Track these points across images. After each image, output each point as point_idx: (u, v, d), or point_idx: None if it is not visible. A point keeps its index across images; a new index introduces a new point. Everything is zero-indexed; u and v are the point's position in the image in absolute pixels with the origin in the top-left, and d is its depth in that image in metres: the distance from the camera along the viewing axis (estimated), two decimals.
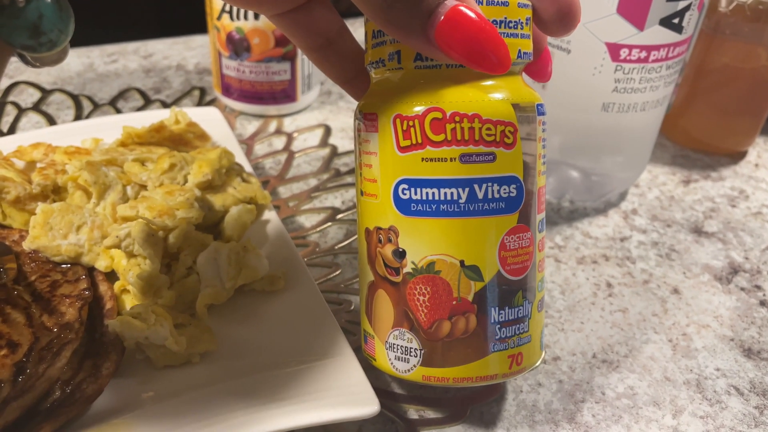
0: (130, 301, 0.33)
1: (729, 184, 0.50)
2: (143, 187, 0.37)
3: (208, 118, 0.47)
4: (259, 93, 0.52)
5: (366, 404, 0.28)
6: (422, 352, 0.27)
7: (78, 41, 0.65)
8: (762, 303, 0.39)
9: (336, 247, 0.41)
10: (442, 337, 0.27)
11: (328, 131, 0.53)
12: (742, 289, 0.40)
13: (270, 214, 0.39)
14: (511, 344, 0.27)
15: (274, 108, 0.54)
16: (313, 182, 0.47)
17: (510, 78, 0.26)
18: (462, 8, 0.23)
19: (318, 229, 0.42)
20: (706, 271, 0.41)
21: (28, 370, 0.28)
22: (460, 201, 0.25)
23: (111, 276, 0.34)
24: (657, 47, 0.39)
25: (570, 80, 0.41)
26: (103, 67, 0.61)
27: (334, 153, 0.50)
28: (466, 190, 0.25)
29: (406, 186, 0.26)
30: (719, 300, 0.39)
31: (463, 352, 0.27)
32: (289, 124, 0.54)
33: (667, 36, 0.38)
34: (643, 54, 0.39)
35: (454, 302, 0.26)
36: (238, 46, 0.50)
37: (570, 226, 0.44)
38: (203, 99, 0.56)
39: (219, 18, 0.50)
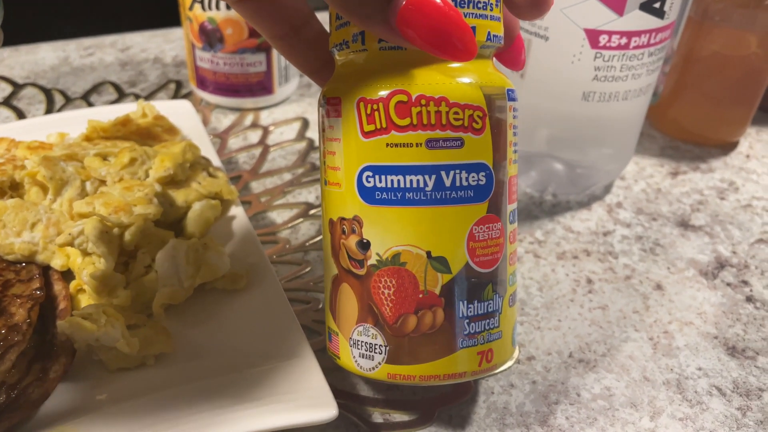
0: (86, 301, 0.32)
1: (719, 176, 0.48)
2: (103, 182, 0.35)
3: (180, 112, 0.46)
4: (235, 85, 0.51)
5: (324, 408, 0.26)
6: (387, 348, 0.26)
7: (55, 35, 0.63)
8: (748, 299, 0.37)
9: (307, 244, 0.39)
10: (408, 332, 0.25)
11: (305, 124, 0.51)
12: (729, 284, 0.38)
13: (237, 210, 0.38)
14: (481, 340, 0.26)
15: (251, 101, 0.52)
16: (287, 177, 0.45)
17: (479, 62, 0.25)
18: None
19: (289, 225, 0.41)
20: (692, 266, 0.39)
21: None
22: (427, 189, 0.24)
23: (67, 275, 0.33)
24: (638, 33, 0.37)
25: (548, 68, 0.39)
26: (78, 61, 0.60)
27: (311, 147, 0.49)
28: (433, 177, 0.24)
29: (370, 173, 0.25)
30: (704, 296, 0.37)
31: (429, 348, 0.25)
32: (265, 118, 0.52)
33: (649, 21, 0.37)
34: (624, 40, 0.37)
35: (421, 296, 0.25)
36: (211, 37, 0.49)
37: (551, 221, 0.43)
38: (179, 92, 0.55)
39: (191, 8, 0.48)
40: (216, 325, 0.31)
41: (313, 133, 0.50)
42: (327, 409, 0.26)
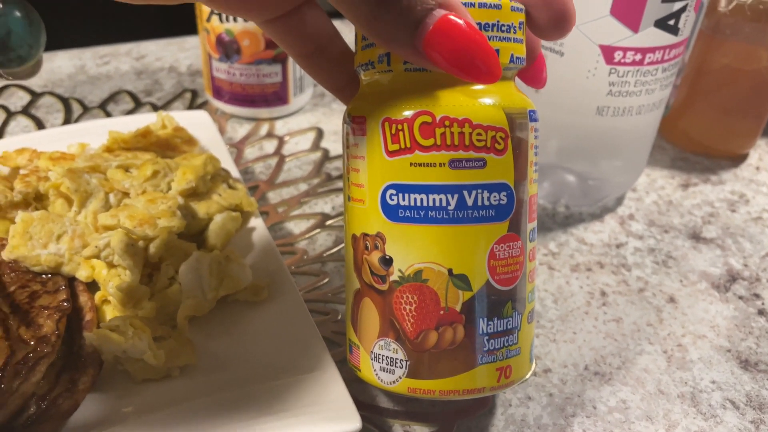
0: (110, 312, 0.32)
1: (729, 188, 0.49)
2: (126, 194, 0.36)
3: (197, 122, 0.47)
4: (250, 96, 0.52)
5: (347, 420, 0.27)
6: (408, 363, 0.26)
7: (70, 43, 0.64)
8: (760, 312, 0.38)
9: (324, 255, 0.40)
10: (428, 348, 0.26)
11: (320, 134, 0.52)
12: (740, 297, 0.39)
13: (256, 221, 0.38)
14: (500, 356, 0.26)
15: (266, 111, 0.53)
16: (303, 187, 0.46)
17: (502, 83, 0.26)
18: (451, 17, 0.22)
19: (307, 235, 0.41)
20: (704, 279, 0.40)
21: (2, 386, 0.27)
22: (449, 207, 0.25)
23: (92, 286, 0.33)
24: (652, 49, 0.38)
25: (564, 83, 0.40)
26: (94, 70, 0.60)
27: (326, 157, 0.49)
28: (456, 196, 0.25)
29: (393, 191, 0.25)
30: (716, 309, 0.38)
31: (450, 363, 0.26)
32: (280, 127, 0.53)
33: (663, 38, 0.37)
34: (638, 56, 0.38)
35: (442, 312, 0.25)
36: (228, 49, 0.49)
37: (565, 232, 0.43)
38: (195, 102, 0.56)
39: (208, 20, 0.49)
40: (239, 337, 0.32)
41: (327, 143, 0.51)
42: (351, 422, 0.27)
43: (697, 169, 0.51)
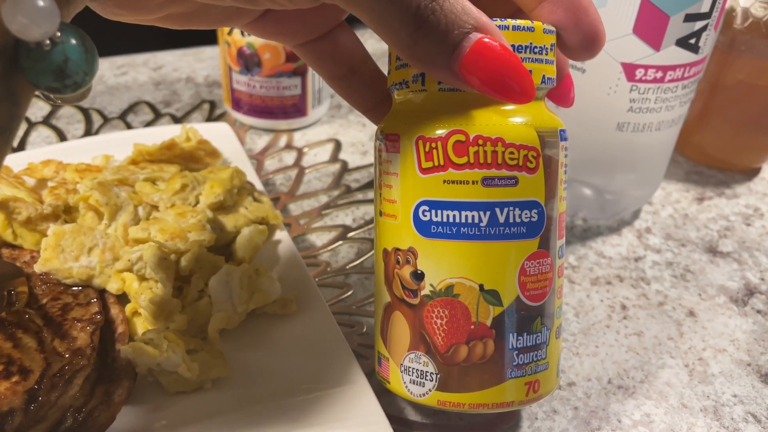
0: (141, 325, 0.33)
1: (743, 202, 0.49)
2: (155, 207, 0.37)
3: (219, 134, 0.47)
4: (270, 108, 0.52)
5: None
6: (438, 376, 0.27)
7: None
8: None
9: (347, 267, 0.40)
10: (458, 361, 0.26)
11: (338, 146, 0.53)
12: (758, 311, 0.39)
13: (281, 234, 0.39)
14: (529, 371, 0.27)
15: (285, 122, 0.53)
16: (323, 199, 0.47)
17: (534, 103, 0.26)
18: (487, 40, 0.22)
19: (329, 248, 0.42)
20: (722, 293, 0.40)
21: (40, 398, 0.27)
22: (481, 224, 0.25)
23: (122, 298, 0.34)
24: (673, 67, 0.38)
25: (585, 99, 0.40)
26: (113, 80, 0.61)
27: (345, 168, 0.50)
28: (488, 213, 0.25)
29: (426, 207, 0.26)
30: (735, 323, 0.38)
31: (479, 377, 0.26)
32: (299, 139, 0.53)
33: (684, 56, 0.38)
34: (659, 74, 0.38)
35: (472, 326, 0.26)
36: (248, 62, 0.50)
37: (583, 246, 0.44)
38: (213, 113, 0.56)
39: (230, 33, 0.50)
40: (269, 350, 0.32)
41: (345, 154, 0.52)
42: None
43: (712, 182, 0.51)
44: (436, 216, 0.26)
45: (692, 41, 0.37)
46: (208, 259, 0.34)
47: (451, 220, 0.26)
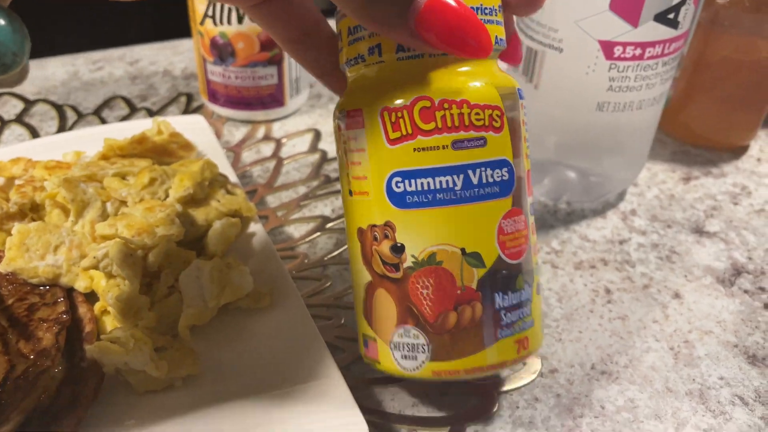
0: (110, 323, 0.32)
1: (731, 181, 0.48)
2: (123, 203, 0.36)
3: (194, 127, 0.46)
4: (246, 98, 0.51)
5: (354, 427, 0.27)
6: (430, 347, 0.26)
7: (63, 49, 0.64)
8: (766, 306, 0.38)
9: (325, 258, 0.39)
10: (449, 328, 0.26)
11: (317, 136, 0.52)
12: (746, 291, 0.38)
13: (256, 227, 0.38)
14: (517, 329, 0.27)
15: (262, 113, 0.52)
16: (302, 190, 0.46)
17: (488, 63, 0.27)
18: None
19: (307, 239, 0.41)
20: (708, 274, 0.40)
21: (3, 401, 0.27)
22: (456, 188, 0.25)
23: (91, 296, 0.33)
24: (652, 44, 0.37)
25: (563, 79, 0.39)
26: (88, 75, 0.60)
27: (324, 158, 0.49)
28: (461, 176, 0.25)
29: (399, 179, 0.26)
30: (722, 304, 0.38)
31: (471, 341, 0.26)
32: (277, 130, 0.52)
33: (663, 32, 0.37)
34: (638, 51, 0.37)
35: (459, 291, 0.26)
36: (222, 52, 0.49)
37: (567, 230, 0.43)
38: (190, 105, 0.55)
39: (202, 23, 0.48)
40: (241, 346, 0.31)
41: (324, 144, 0.51)
42: (357, 428, 0.26)
43: (698, 162, 0.51)
44: (410, 186, 0.25)
45: (671, 16, 0.36)
46: (179, 254, 0.33)
47: (425, 187, 0.25)
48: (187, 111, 0.55)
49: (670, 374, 0.33)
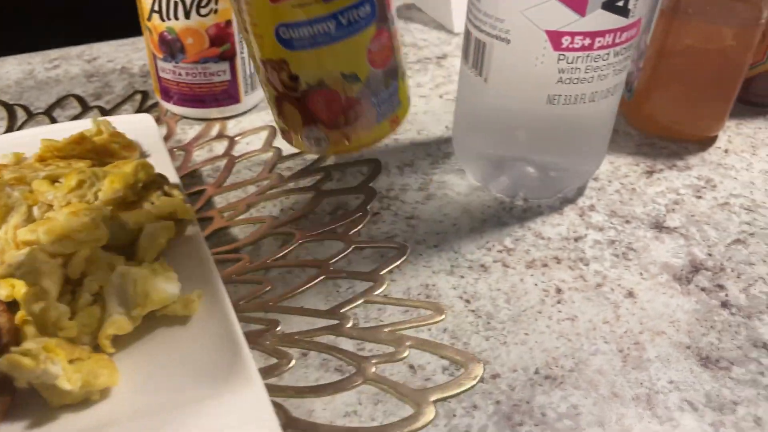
0: (33, 333, 0.30)
1: (696, 173, 0.47)
2: (51, 206, 0.34)
3: (140, 126, 0.45)
4: (199, 96, 0.50)
5: None
6: (330, 138, 0.36)
7: (21, 48, 0.62)
8: (723, 304, 0.36)
9: (269, 261, 0.38)
10: (341, 126, 0.35)
11: (273, 133, 0.50)
12: (703, 289, 0.37)
13: (193, 229, 0.36)
14: (389, 112, 0.36)
15: (217, 110, 0.51)
16: (251, 189, 0.44)
17: None
18: None
19: (252, 241, 0.40)
20: (665, 271, 0.38)
21: None
22: (331, 32, 0.32)
23: (14, 305, 0.32)
24: (602, 33, 0.36)
25: (511, 72, 0.38)
26: (43, 74, 0.58)
27: (279, 156, 0.47)
28: (334, 22, 0.31)
29: (284, 29, 0.32)
30: (677, 303, 0.36)
31: (358, 131, 0.36)
32: (232, 127, 0.51)
33: (612, 20, 0.35)
34: (587, 41, 0.36)
35: (344, 101, 0.34)
36: (171, 47, 0.47)
37: (522, 227, 0.41)
38: (145, 103, 0.54)
39: (149, 18, 0.47)
40: (164, 356, 0.30)
41: (280, 141, 0.49)
42: None
43: (663, 154, 0.49)
44: (294, 34, 0.32)
45: (620, 4, 0.35)
46: (105, 259, 0.32)
47: (306, 35, 0.32)
48: (141, 109, 0.53)
49: (617, 378, 0.32)
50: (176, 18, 0.46)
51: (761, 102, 0.55)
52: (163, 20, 0.46)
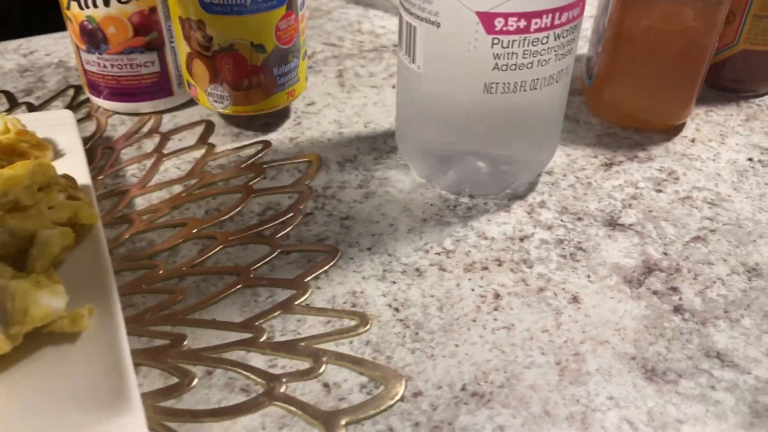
0: None
1: (658, 165, 0.44)
2: None
3: (59, 123, 0.42)
4: (128, 89, 0.47)
5: None
6: (232, 98, 0.42)
7: None
8: (676, 309, 0.33)
9: (184, 269, 0.35)
10: (243, 89, 0.41)
11: (209, 128, 0.47)
12: (655, 292, 0.34)
13: (97, 236, 0.33)
14: (287, 86, 0.43)
15: (150, 104, 0.48)
16: (177, 189, 0.41)
17: None
18: None
19: (168, 247, 0.37)
20: (615, 273, 0.35)
21: None
22: (246, 4, 0.38)
23: None
24: (538, 14, 0.32)
25: (444, 59, 0.35)
26: None
27: (210, 153, 0.44)
28: None
29: None
30: (625, 308, 0.33)
31: (258, 95, 0.42)
32: (167, 122, 0.48)
33: (549, 0, 0.32)
34: (523, 23, 0.33)
35: (249, 67, 0.41)
36: (93, 38, 0.44)
37: (464, 227, 0.38)
38: (77, 98, 0.51)
39: (68, 7, 0.44)
40: (46, 378, 0.27)
41: (216, 137, 0.46)
42: None
43: (625, 145, 0.46)
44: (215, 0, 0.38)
45: None
46: None
47: (225, 2, 0.38)
48: (71, 105, 0.50)
49: (551, 394, 0.29)
50: (95, 6, 0.43)
51: (734, 87, 0.52)
52: (81, 8, 0.43)
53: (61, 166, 0.38)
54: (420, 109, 0.38)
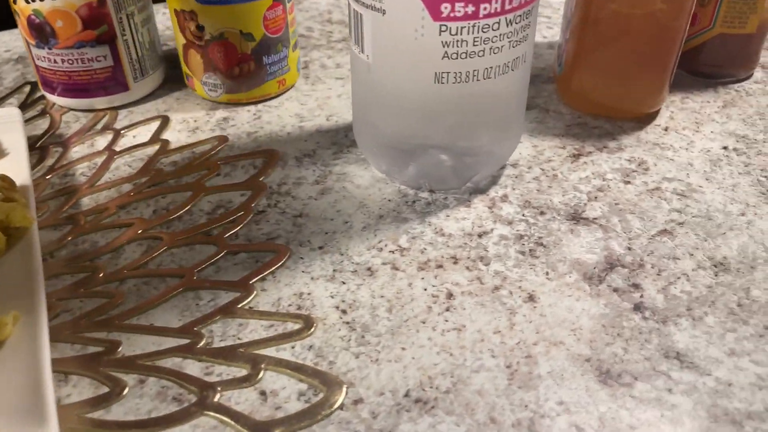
0: None
1: (627, 155, 0.42)
2: None
3: (5, 121, 0.40)
4: (80, 84, 0.45)
5: None
6: (225, 86, 0.45)
7: None
8: (636, 308, 0.32)
9: (125, 271, 0.34)
10: (235, 76, 0.45)
11: (165, 123, 0.46)
12: (615, 290, 0.33)
13: (31, 239, 0.32)
14: (278, 74, 0.46)
15: (104, 100, 0.46)
16: (126, 188, 0.40)
17: None
18: None
19: (111, 249, 0.35)
20: (575, 269, 0.34)
21: None
22: None
23: None
24: None
25: (391, 48, 0.33)
26: None
27: (164, 149, 0.43)
28: None
29: None
30: (582, 307, 0.32)
31: (250, 83, 0.45)
32: (123, 118, 0.46)
33: None
34: (471, 9, 0.31)
35: (240, 55, 0.44)
36: (41, 32, 0.43)
37: (421, 223, 0.37)
38: (32, 96, 0.49)
39: (15, 1, 0.42)
40: None
41: (171, 133, 0.45)
42: None
43: (595, 135, 0.44)
44: None
45: None
46: None
47: None
48: (26, 102, 0.49)
49: (498, 400, 0.27)
50: None
51: (711, 72, 0.50)
52: (28, 2, 0.42)
53: (2, 167, 0.37)
54: (372, 101, 0.37)
